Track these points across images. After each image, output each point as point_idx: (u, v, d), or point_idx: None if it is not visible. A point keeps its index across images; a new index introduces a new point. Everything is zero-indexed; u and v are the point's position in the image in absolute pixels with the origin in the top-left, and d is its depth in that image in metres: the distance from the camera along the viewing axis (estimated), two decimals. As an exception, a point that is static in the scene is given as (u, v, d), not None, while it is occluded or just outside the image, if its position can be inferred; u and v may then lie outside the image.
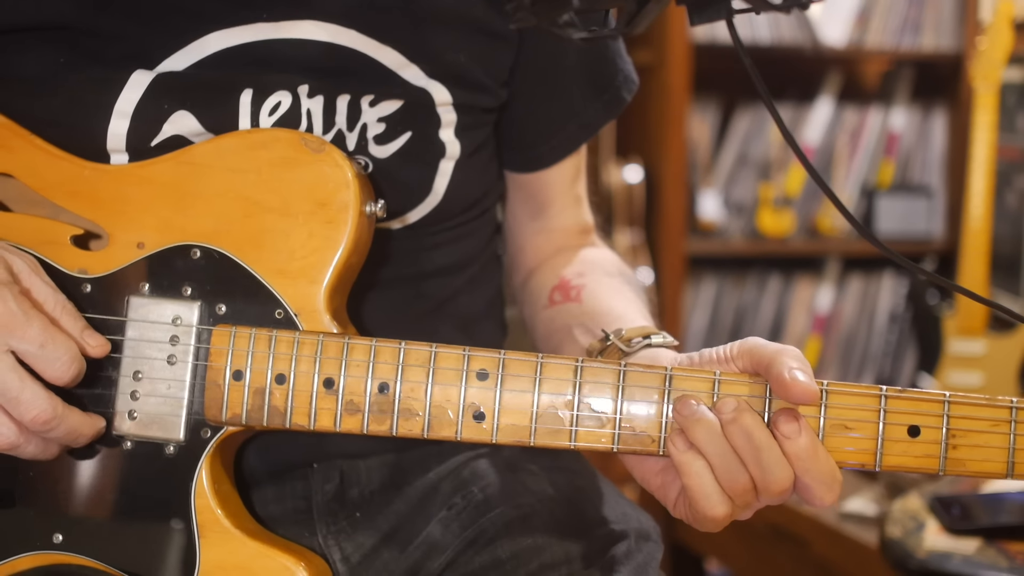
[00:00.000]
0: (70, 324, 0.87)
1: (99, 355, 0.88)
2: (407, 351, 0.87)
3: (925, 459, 0.82)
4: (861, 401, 0.82)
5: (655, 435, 0.84)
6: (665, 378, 0.85)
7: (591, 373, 0.85)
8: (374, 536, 1.00)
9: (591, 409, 0.85)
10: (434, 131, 1.02)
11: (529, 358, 0.86)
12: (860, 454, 0.83)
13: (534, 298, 1.15)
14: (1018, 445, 0.82)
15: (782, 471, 0.80)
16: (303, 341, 0.89)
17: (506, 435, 0.86)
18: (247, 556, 0.89)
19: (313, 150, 0.92)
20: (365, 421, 0.87)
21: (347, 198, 0.91)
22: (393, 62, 0.99)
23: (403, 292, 1.05)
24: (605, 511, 0.97)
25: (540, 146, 1.14)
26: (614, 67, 1.14)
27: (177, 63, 0.95)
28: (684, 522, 0.89)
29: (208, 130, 0.96)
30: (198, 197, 0.93)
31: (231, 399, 0.89)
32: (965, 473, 0.83)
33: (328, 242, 0.91)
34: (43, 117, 0.96)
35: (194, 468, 0.90)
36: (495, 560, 0.92)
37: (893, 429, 0.82)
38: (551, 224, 1.18)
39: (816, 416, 0.82)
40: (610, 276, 1.12)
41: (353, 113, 0.99)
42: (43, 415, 0.83)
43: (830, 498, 0.81)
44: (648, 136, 3.13)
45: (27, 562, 0.91)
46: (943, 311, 2.76)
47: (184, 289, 0.92)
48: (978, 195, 2.65)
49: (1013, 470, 0.82)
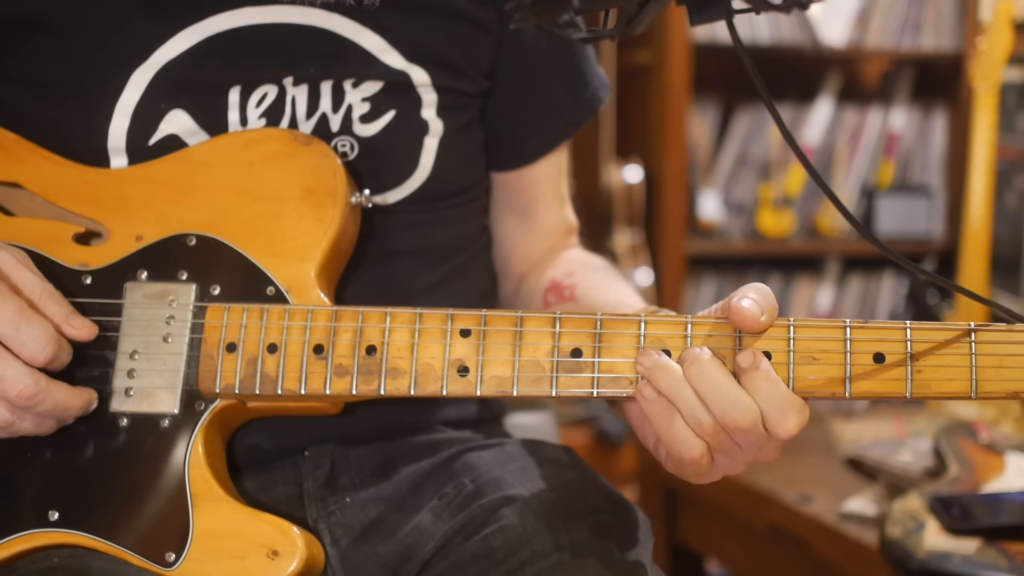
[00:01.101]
0: (54, 309, 0.90)
1: (84, 337, 0.91)
2: (393, 315, 0.91)
3: (892, 383, 0.86)
4: (827, 333, 0.86)
5: (632, 377, 0.88)
6: (640, 323, 0.88)
7: (569, 324, 0.89)
8: (364, 522, 1.01)
9: (570, 356, 0.89)
10: (416, 110, 1.06)
11: (509, 314, 0.90)
12: (829, 383, 0.86)
13: (527, 303, 1.19)
14: (979, 364, 0.85)
15: (742, 407, 0.83)
16: (294, 312, 0.93)
17: (490, 387, 0.89)
18: (240, 522, 0.91)
19: (302, 143, 0.99)
20: (354, 382, 0.91)
21: (335, 184, 0.97)
22: (374, 46, 1.03)
23: (389, 272, 1.08)
24: (596, 502, 0.98)
25: (526, 141, 1.18)
26: (591, 69, 1.19)
27: (172, 50, 0.99)
28: (684, 522, 0.90)
29: (201, 126, 1.01)
30: (194, 191, 0.98)
31: (224, 370, 0.92)
32: (931, 395, 0.86)
33: (317, 223, 0.96)
34: (49, 120, 1.01)
35: (189, 440, 0.93)
36: (486, 548, 0.93)
37: (859, 357, 0.86)
38: (538, 223, 1.22)
39: (785, 350, 0.86)
40: (597, 271, 1.16)
41: (337, 95, 1.03)
42: (27, 390, 0.86)
43: (790, 424, 0.83)
44: (648, 136, 3.13)
45: (23, 542, 0.92)
46: (943, 311, 2.76)
47: (180, 273, 0.96)
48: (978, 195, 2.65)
49: (977, 388, 0.85)
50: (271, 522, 0.91)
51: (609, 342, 0.88)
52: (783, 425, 0.83)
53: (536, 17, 0.75)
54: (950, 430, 1.91)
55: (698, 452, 0.85)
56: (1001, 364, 0.85)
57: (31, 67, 1.00)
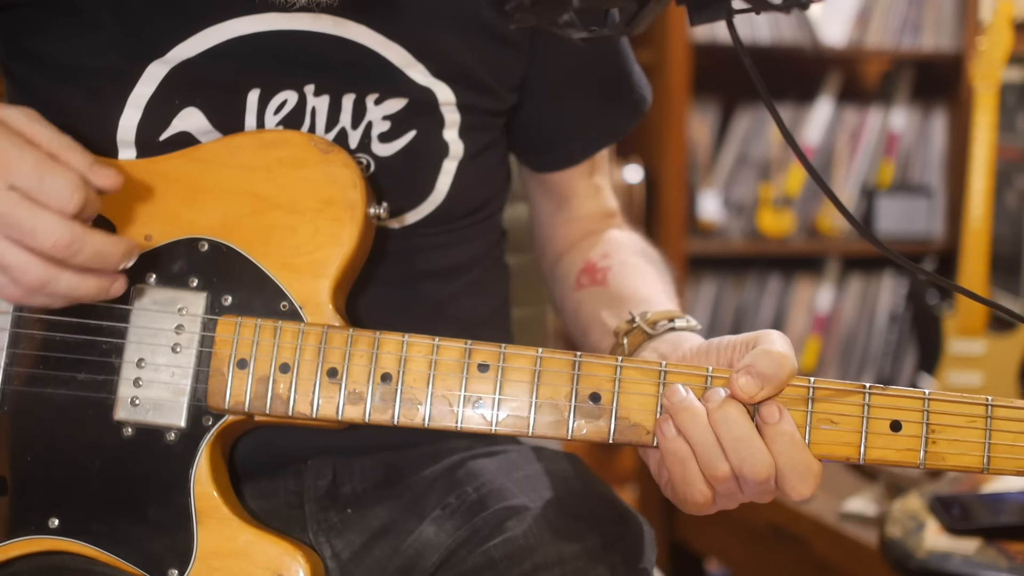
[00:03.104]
0: (76, 159, 0.83)
1: (110, 186, 0.84)
2: (410, 343, 0.89)
3: (906, 452, 0.86)
4: (845, 397, 0.86)
5: (649, 427, 0.87)
6: (660, 373, 0.87)
7: (589, 367, 0.88)
8: (365, 533, 1.00)
9: (588, 401, 0.87)
10: (438, 130, 1.03)
11: (529, 352, 0.88)
12: (845, 447, 0.86)
13: (562, 281, 1.17)
14: (993, 440, 0.85)
15: (761, 460, 0.83)
16: (308, 332, 0.90)
17: (505, 426, 0.88)
18: (244, 542, 0.89)
19: (321, 151, 0.95)
20: (367, 410, 0.89)
21: (354, 197, 0.93)
22: (400, 60, 1.01)
23: (403, 292, 1.05)
24: (599, 512, 0.97)
25: (568, 145, 1.17)
26: (635, 71, 1.17)
27: (190, 49, 0.97)
28: (684, 522, 0.91)
29: (215, 127, 0.98)
30: (207, 192, 0.94)
31: (234, 387, 0.90)
32: (944, 467, 0.86)
33: (334, 239, 0.93)
34: (61, 101, 0.98)
35: (194, 455, 0.91)
36: (489, 560, 0.92)
37: (876, 423, 0.86)
38: (574, 214, 1.21)
39: (803, 410, 0.85)
40: (634, 255, 1.15)
41: (358, 111, 1.00)
42: (63, 238, 0.80)
43: (805, 489, 0.84)
44: (648, 136, 3.13)
45: (21, 547, 0.91)
46: (943, 311, 2.76)
47: (191, 280, 0.93)
48: (978, 195, 2.65)
49: (989, 464, 0.86)
50: (276, 543, 0.90)
51: (628, 390, 0.87)
52: (798, 489, 0.84)
53: (536, 17, 0.75)
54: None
55: (703, 498, 0.85)
56: (1015, 442, 0.85)
57: (49, 47, 0.98)
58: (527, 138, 1.15)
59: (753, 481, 0.83)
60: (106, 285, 0.85)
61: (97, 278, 0.84)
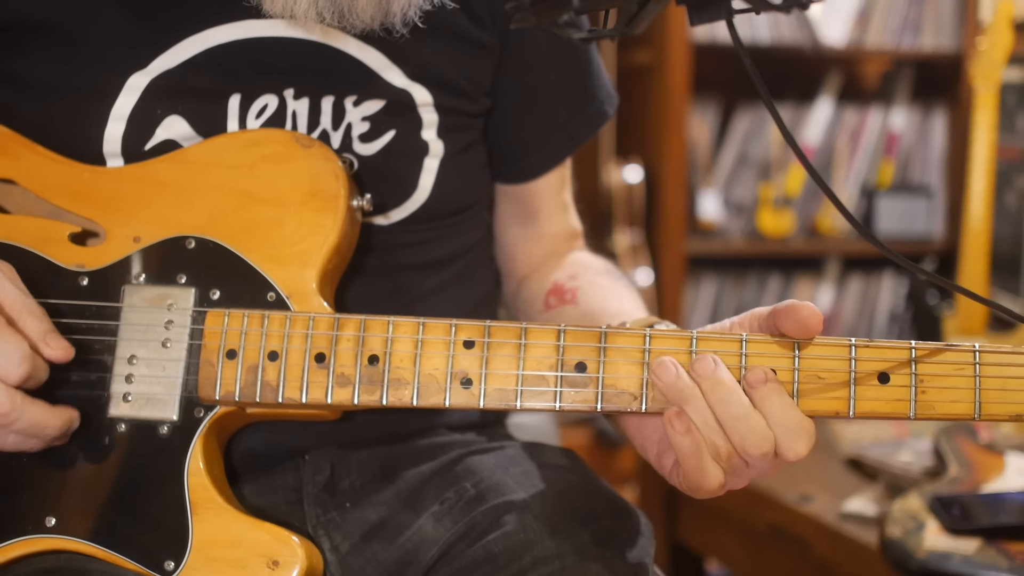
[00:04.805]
0: (33, 327, 0.88)
1: (59, 359, 0.89)
2: (396, 324, 0.90)
3: (896, 404, 0.85)
4: (832, 351, 0.86)
5: (636, 392, 0.87)
6: (644, 338, 0.88)
7: (573, 337, 0.88)
8: (364, 527, 1.00)
9: (574, 370, 0.88)
10: (416, 130, 1.06)
11: (514, 326, 0.89)
12: (834, 402, 0.86)
13: (528, 305, 1.18)
14: (983, 386, 0.85)
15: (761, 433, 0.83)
16: (295, 319, 0.91)
17: (493, 399, 0.89)
18: (239, 531, 0.90)
19: (303, 146, 0.97)
20: (356, 392, 0.90)
21: (336, 188, 0.95)
22: (376, 63, 1.03)
23: (389, 285, 1.07)
24: (598, 506, 0.98)
25: (528, 158, 1.18)
26: (597, 82, 1.19)
27: (170, 60, 0.99)
28: (684, 522, 0.91)
29: (198, 133, 1.00)
30: (193, 193, 0.97)
31: (224, 377, 0.91)
32: (935, 416, 0.86)
33: (318, 229, 0.95)
34: (44, 122, 1.00)
35: (188, 447, 0.92)
36: (488, 554, 0.92)
37: (864, 377, 0.85)
38: (540, 231, 1.22)
39: (790, 368, 0.86)
40: (600, 275, 1.15)
41: (338, 113, 1.02)
42: (2, 407, 0.85)
43: (803, 447, 0.84)
44: (648, 136, 3.13)
45: (19, 547, 0.91)
46: (943, 311, 2.76)
47: (179, 277, 0.95)
48: (978, 195, 2.65)
49: (980, 410, 0.85)
50: (271, 531, 0.90)
51: (614, 356, 0.88)
52: (793, 448, 0.84)
53: (536, 17, 0.75)
54: (950, 430, 1.91)
55: (718, 483, 0.86)
56: (1005, 387, 0.85)
57: (28, 68, 1.00)
58: (498, 148, 1.16)
59: (754, 456, 0.84)
60: (47, 443, 0.90)
61: (39, 440, 0.89)
